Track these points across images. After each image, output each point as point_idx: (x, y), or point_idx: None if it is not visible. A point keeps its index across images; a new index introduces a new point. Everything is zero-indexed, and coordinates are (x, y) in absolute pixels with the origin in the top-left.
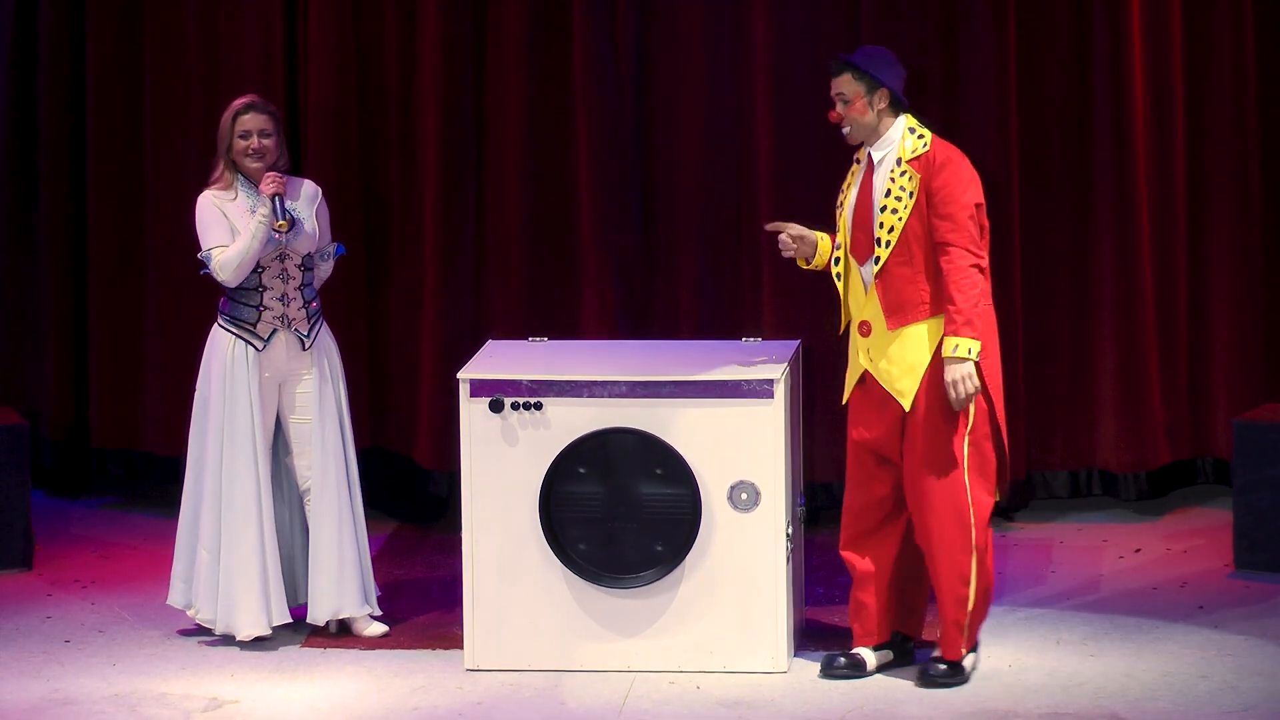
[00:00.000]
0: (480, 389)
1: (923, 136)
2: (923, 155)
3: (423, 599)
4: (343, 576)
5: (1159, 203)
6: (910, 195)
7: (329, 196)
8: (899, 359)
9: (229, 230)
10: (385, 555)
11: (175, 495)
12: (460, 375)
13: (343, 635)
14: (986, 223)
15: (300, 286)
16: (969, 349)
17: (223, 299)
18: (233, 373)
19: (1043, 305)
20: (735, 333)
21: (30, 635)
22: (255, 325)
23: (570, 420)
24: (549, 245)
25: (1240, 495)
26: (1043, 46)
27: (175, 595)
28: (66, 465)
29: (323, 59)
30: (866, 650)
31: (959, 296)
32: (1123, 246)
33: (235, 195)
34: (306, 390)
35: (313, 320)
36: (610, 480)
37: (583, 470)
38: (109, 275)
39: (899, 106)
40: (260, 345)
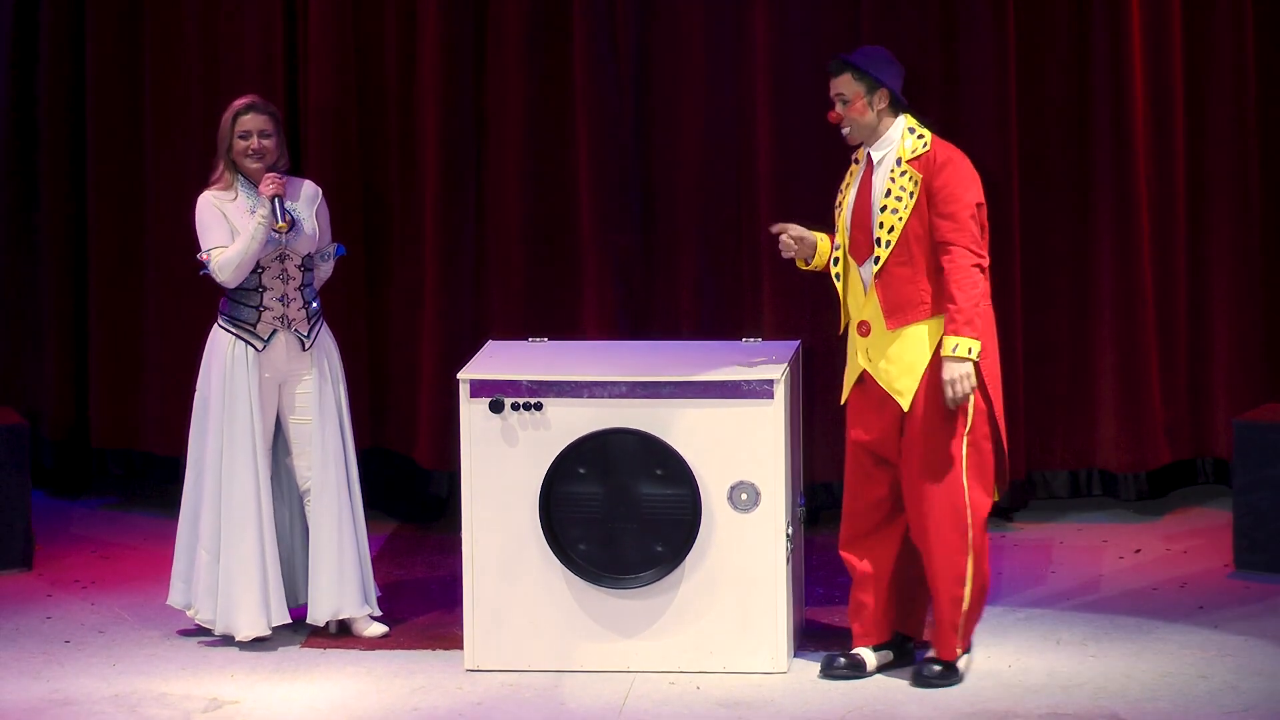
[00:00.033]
0: (480, 389)
1: (922, 136)
2: (923, 155)
3: (423, 599)
4: (343, 577)
5: (1159, 203)
6: (911, 195)
7: (329, 196)
8: (898, 359)
9: (228, 231)
10: (385, 555)
11: (175, 495)
12: (460, 375)
13: (343, 636)
14: (986, 222)
15: (300, 287)
16: (969, 349)
17: (223, 299)
18: (232, 373)
19: (1043, 305)
20: (735, 333)
21: (30, 635)
22: (255, 325)
23: (570, 420)
24: (549, 245)
25: (1240, 495)
26: (1043, 46)
27: (175, 595)
28: (66, 465)
29: (323, 59)
30: (866, 650)
31: (960, 296)
32: (1123, 246)
33: (235, 196)
34: (306, 391)
35: (313, 321)
36: (610, 480)
37: (583, 470)
38: (109, 275)
39: (898, 106)
40: (260, 345)
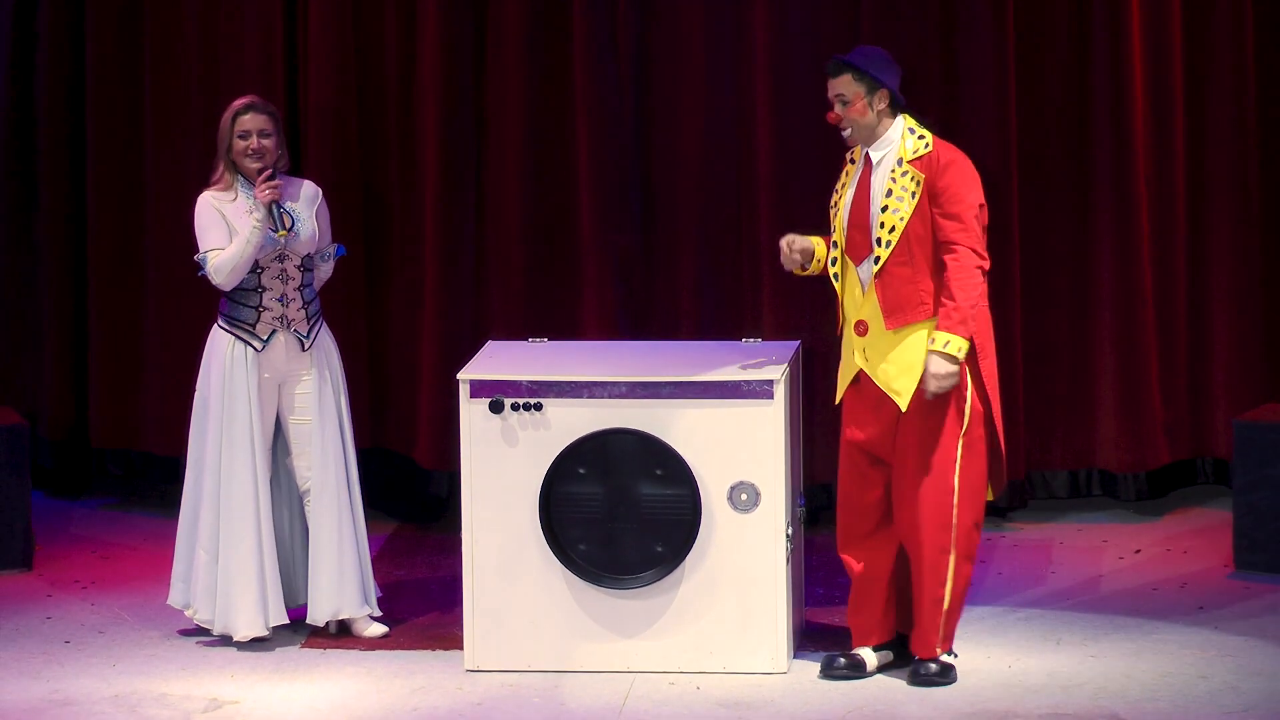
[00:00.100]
0: (480, 389)
1: (923, 137)
2: (925, 155)
3: (423, 599)
4: (342, 577)
5: (1159, 203)
6: (913, 195)
7: (329, 196)
8: (897, 359)
9: (226, 232)
10: (385, 555)
11: (175, 495)
12: (460, 376)
13: (342, 636)
14: (986, 222)
15: (300, 287)
16: (959, 348)
17: (222, 299)
18: (232, 373)
19: (1043, 305)
20: (735, 333)
21: (30, 635)
22: (254, 326)
23: (570, 421)
24: (549, 245)
25: (1240, 495)
26: (1043, 46)
27: (175, 595)
28: (66, 465)
29: (323, 59)
30: (866, 651)
31: (960, 295)
32: (1123, 246)
33: (235, 196)
34: (306, 391)
35: (312, 321)
36: (610, 481)
37: (583, 471)
38: (109, 275)
39: (897, 107)
40: (259, 346)
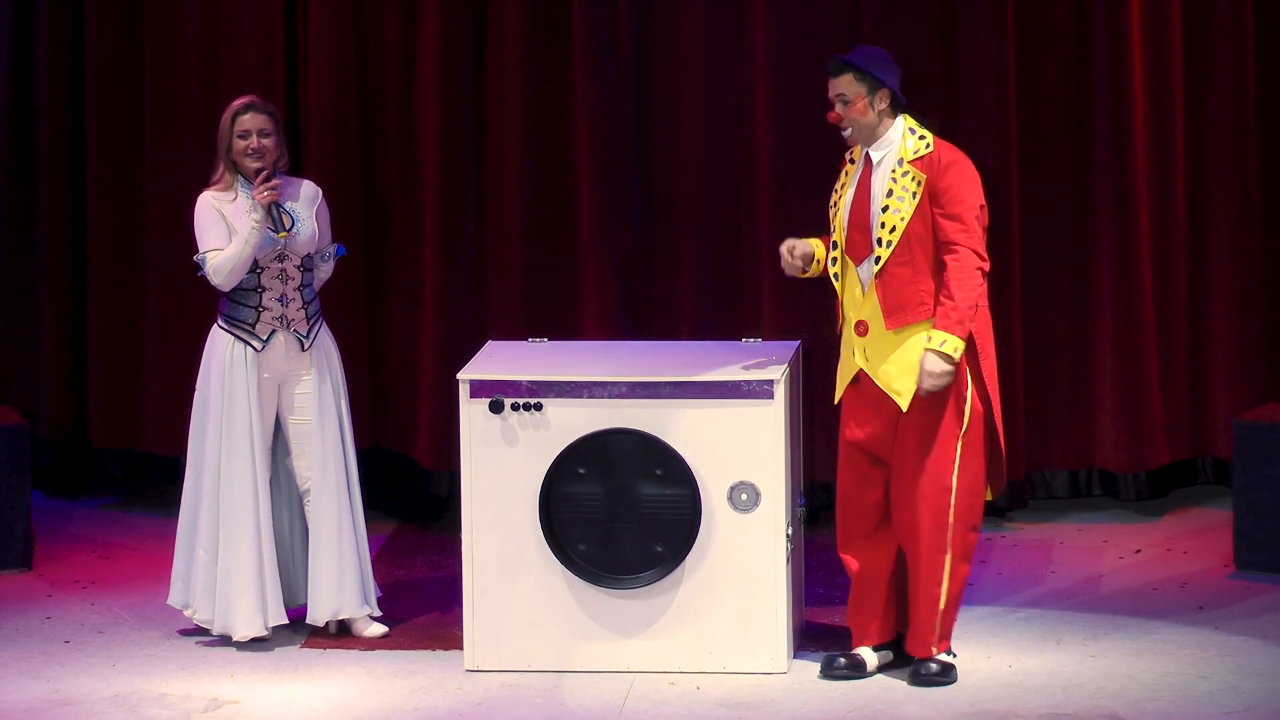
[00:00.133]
0: (480, 389)
1: (924, 137)
2: (926, 156)
3: (423, 599)
4: (342, 577)
5: (1159, 203)
6: (914, 195)
7: (329, 196)
8: (897, 359)
9: (226, 232)
10: (385, 555)
11: (175, 495)
12: (460, 376)
13: (343, 636)
14: (986, 223)
15: (300, 287)
16: (955, 348)
17: (222, 299)
18: (231, 373)
19: (1043, 305)
20: (735, 333)
21: (30, 635)
22: (254, 326)
23: (570, 421)
24: (549, 245)
25: (1240, 495)
26: (1043, 46)
27: (175, 595)
28: (66, 465)
29: (323, 59)
30: (866, 650)
31: (959, 295)
32: (1123, 246)
33: (235, 196)
34: (306, 391)
35: (312, 321)
36: (610, 481)
37: (583, 471)
38: (109, 275)
39: (897, 107)
40: (259, 346)
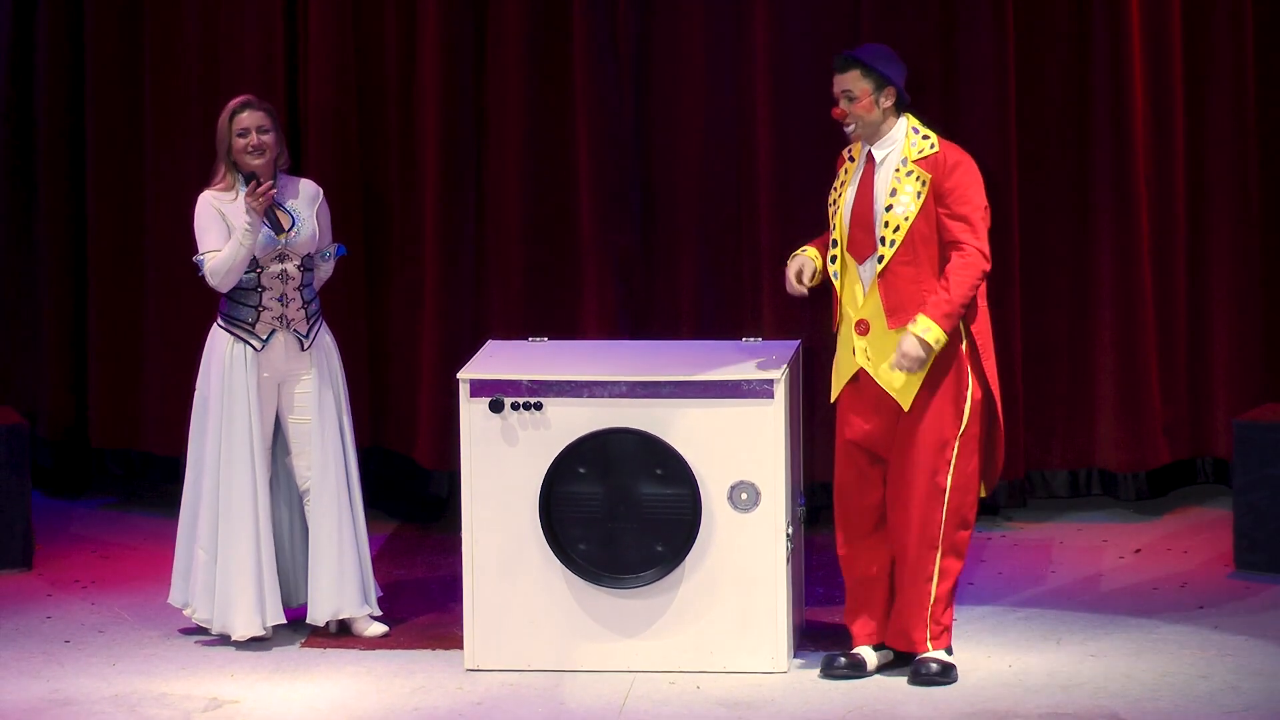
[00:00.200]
0: (480, 389)
1: (928, 137)
2: (931, 156)
3: (423, 599)
4: (342, 577)
5: (1159, 203)
6: (918, 195)
7: (329, 196)
8: None
9: (225, 233)
10: (385, 555)
11: (175, 495)
12: (460, 375)
13: (343, 636)
14: (990, 224)
15: (300, 287)
16: (937, 339)
17: (222, 299)
18: (231, 373)
19: (1043, 305)
20: (735, 333)
21: (30, 635)
22: (254, 325)
23: (570, 420)
24: (549, 245)
25: (1240, 495)
26: (1043, 46)
27: (175, 594)
28: (66, 465)
29: (323, 59)
30: (866, 650)
31: (956, 291)
32: (1123, 246)
33: (236, 196)
34: (306, 390)
35: (312, 321)
36: (610, 480)
37: (583, 470)
38: (109, 275)
39: (901, 105)
40: (259, 345)
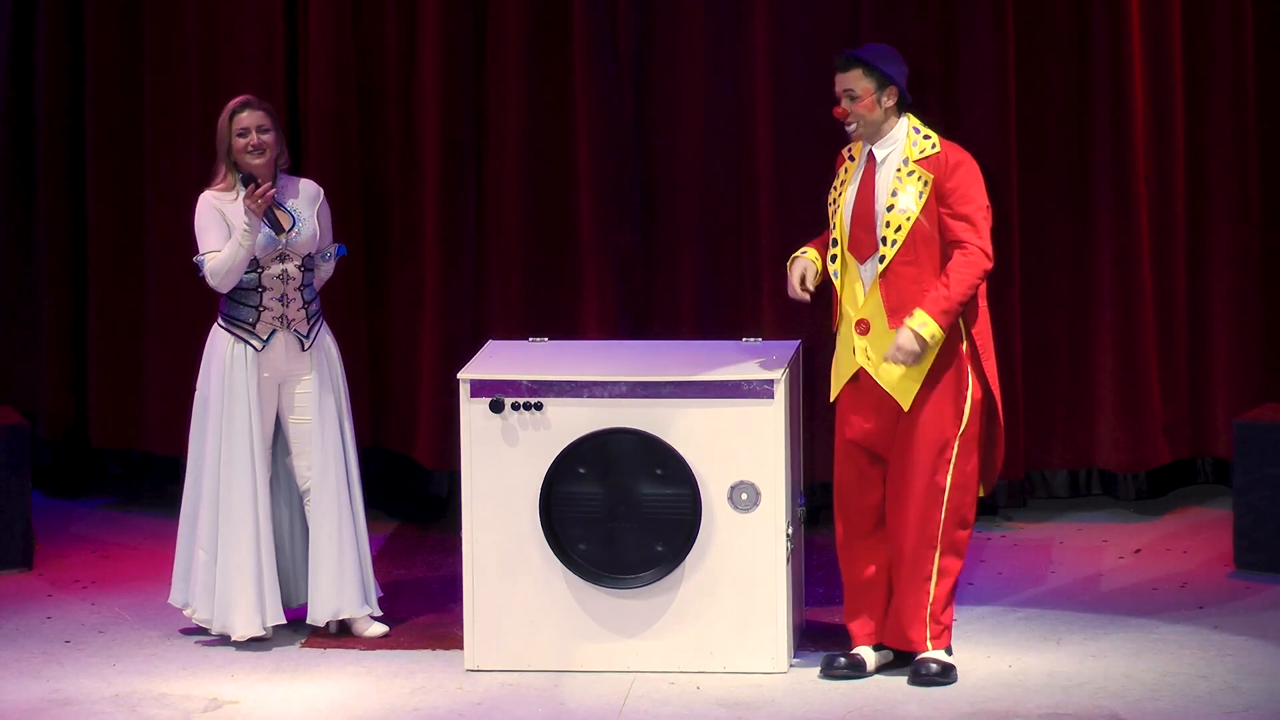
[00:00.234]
0: (480, 389)
1: (929, 137)
2: (933, 156)
3: (423, 599)
4: (343, 577)
5: (1159, 203)
6: (920, 195)
7: (329, 196)
8: None
9: (225, 233)
10: (385, 555)
11: (175, 495)
12: (460, 375)
13: (343, 636)
14: (991, 224)
15: (300, 287)
16: (932, 335)
17: (222, 299)
18: (231, 373)
19: (1042, 305)
20: (735, 333)
21: (30, 635)
22: (254, 325)
23: (570, 420)
24: (549, 245)
25: (1240, 495)
26: (1043, 46)
27: (175, 594)
28: (66, 465)
29: (323, 59)
30: (866, 650)
31: (955, 288)
32: (1123, 246)
33: (236, 196)
34: (306, 391)
35: (312, 321)
36: (610, 480)
37: (583, 470)
38: (109, 275)
39: (902, 105)
40: (259, 345)
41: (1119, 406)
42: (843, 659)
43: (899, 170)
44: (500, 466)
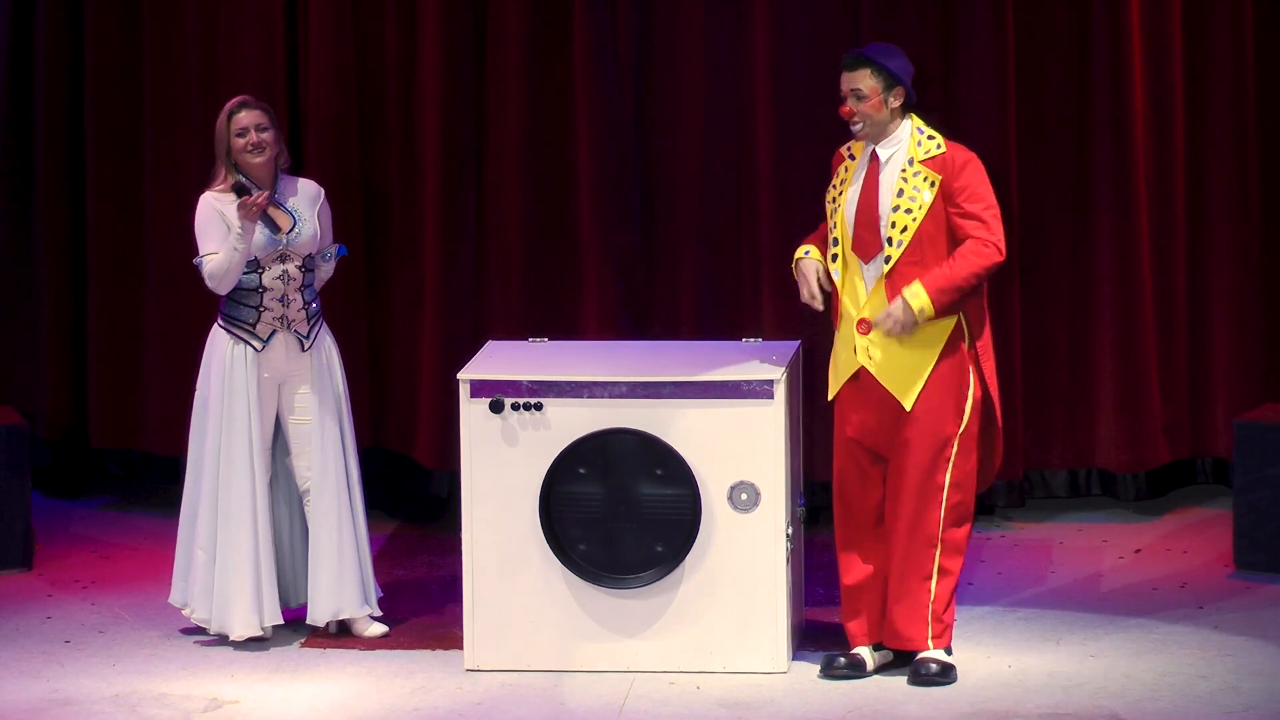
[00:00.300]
0: (480, 389)
1: (934, 137)
2: (939, 156)
3: (423, 599)
4: (342, 577)
5: (1158, 203)
6: (926, 196)
7: (329, 196)
8: (903, 359)
9: (224, 235)
10: (385, 555)
11: (175, 495)
12: (460, 376)
13: (343, 636)
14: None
15: (301, 287)
16: (920, 309)
17: (223, 299)
18: (231, 373)
19: (1042, 305)
20: (735, 333)
21: (30, 635)
22: (254, 326)
23: (570, 421)
24: (549, 245)
25: (1240, 495)
26: (1043, 46)
27: (175, 594)
28: (65, 465)
29: (323, 59)
30: (866, 650)
31: (957, 269)
32: (1123, 246)
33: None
34: (306, 391)
35: (312, 321)
36: (610, 480)
37: (583, 470)
38: (109, 275)
39: (907, 105)
40: (259, 346)
41: (1119, 406)
42: (842, 659)
43: (904, 171)
44: (500, 466)
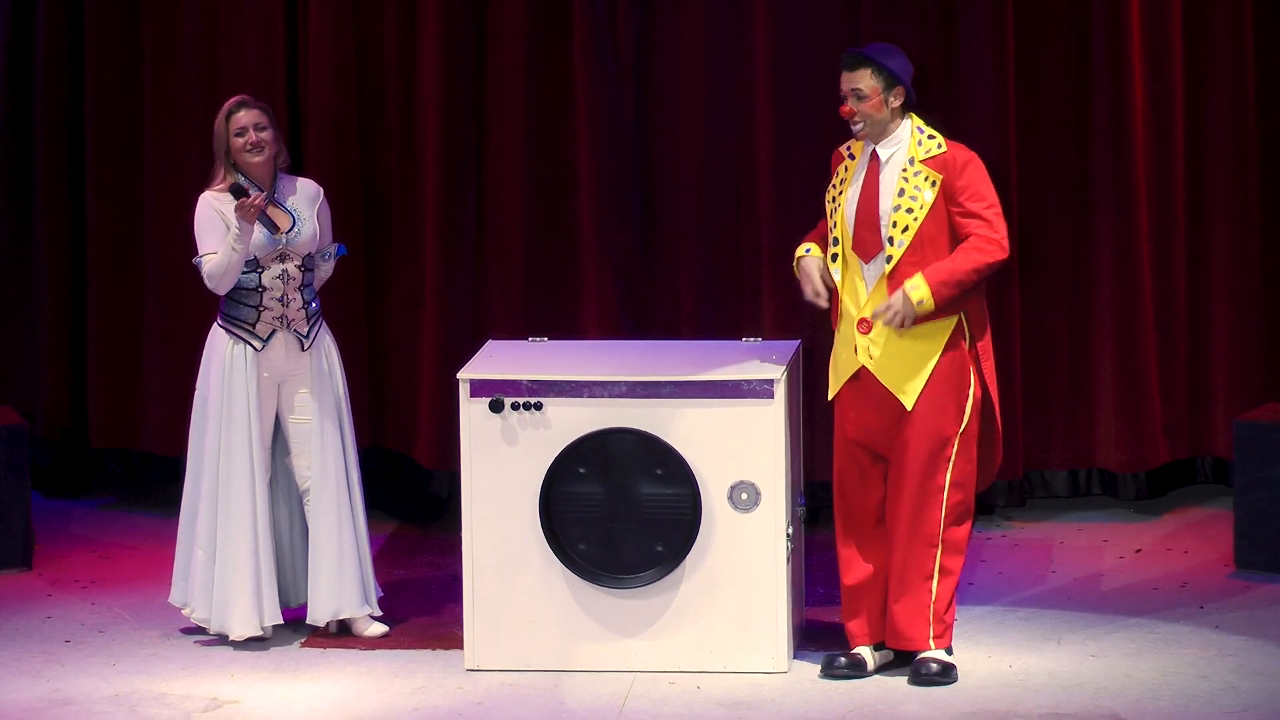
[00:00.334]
0: (480, 389)
1: (934, 137)
2: (940, 156)
3: (423, 599)
4: (342, 577)
5: (1158, 202)
6: (928, 196)
7: (329, 196)
8: (904, 358)
9: (223, 235)
10: (385, 555)
11: (175, 495)
12: (460, 375)
13: (343, 635)
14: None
15: (300, 287)
16: (919, 301)
17: (222, 299)
18: (231, 373)
19: (1042, 305)
20: (735, 333)
21: (30, 635)
22: (254, 325)
23: (570, 420)
24: (549, 245)
25: (1240, 495)
26: (1043, 46)
27: (175, 593)
28: (65, 465)
29: (323, 59)
30: (866, 650)
31: (959, 263)
32: (1123, 246)
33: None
34: (305, 390)
35: (312, 321)
36: (610, 480)
37: (583, 470)
38: (109, 275)
39: (907, 105)
40: (259, 345)
41: (1119, 406)
42: (843, 659)
43: (904, 170)
44: (500, 466)
